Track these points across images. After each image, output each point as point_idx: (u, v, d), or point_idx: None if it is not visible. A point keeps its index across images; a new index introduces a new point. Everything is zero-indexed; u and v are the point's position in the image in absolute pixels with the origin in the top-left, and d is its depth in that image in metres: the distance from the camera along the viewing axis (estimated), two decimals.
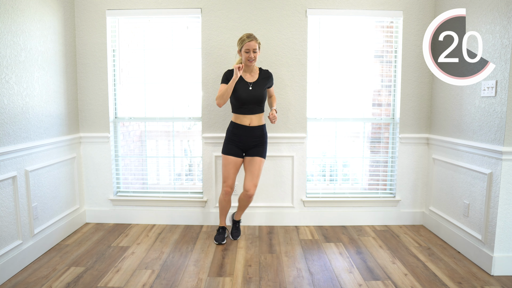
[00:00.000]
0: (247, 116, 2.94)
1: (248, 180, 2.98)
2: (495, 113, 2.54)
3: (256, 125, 2.96)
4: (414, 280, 2.48)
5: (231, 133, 2.99)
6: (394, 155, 3.56)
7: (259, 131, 2.98)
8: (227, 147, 2.99)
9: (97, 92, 3.45)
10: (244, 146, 2.98)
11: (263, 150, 3.01)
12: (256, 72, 2.99)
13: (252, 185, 2.97)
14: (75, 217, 3.38)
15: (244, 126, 2.95)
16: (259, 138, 2.98)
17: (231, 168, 2.99)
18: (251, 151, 2.99)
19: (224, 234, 3.13)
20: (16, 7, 2.58)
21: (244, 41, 2.82)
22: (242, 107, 2.92)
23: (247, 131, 2.95)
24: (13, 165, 2.56)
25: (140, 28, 3.59)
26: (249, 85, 2.92)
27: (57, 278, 2.49)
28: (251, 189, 2.97)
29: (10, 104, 2.53)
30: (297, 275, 2.55)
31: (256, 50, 2.84)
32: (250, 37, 2.82)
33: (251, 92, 2.90)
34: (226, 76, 2.93)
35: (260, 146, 2.99)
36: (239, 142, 2.97)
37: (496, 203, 2.53)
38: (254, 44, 2.82)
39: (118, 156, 3.62)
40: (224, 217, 3.18)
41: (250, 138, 2.96)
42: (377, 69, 3.60)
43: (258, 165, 2.98)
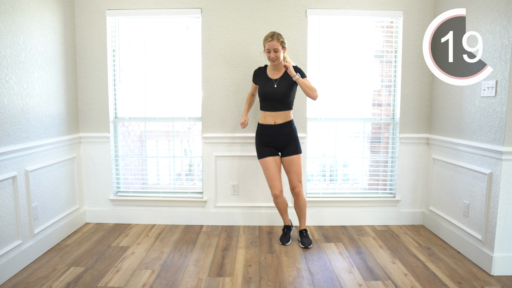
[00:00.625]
0: (271, 113, 2.92)
1: (292, 179, 2.96)
2: (495, 113, 2.54)
3: (282, 122, 2.93)
4: (414, 280, 2.48)
5: (260, 135, 2.98)
6: (394, 155, 3.56)
7: (287, 128, 2.94)
8: (261, 150, 2.97)
9: (97, 92, 3.45)
10: (275, 145, 2.95)
11: (296, 145, 2.96)
12: (283, 68, 2.92)
13: (297, 182, 2.94)
14: (75, 217, 3.38)
15: (270, 125, 2.93)
16: (288, 134, 2.94)
17: (272, 170, 2.94)
18: (286, 151, 2.95)
19: (289, 234, 3.12)
20: (16, 7, 2.58)
21: (266, 41, 2.80)
22: (266, 104, 2.93)
23: (274, 130, 2.93)
24: (13, 165, 2.56)
25: (140, 28, 3.59)
26: (274, 82, 2.90)
27: (57, 278, 2.49)
28: (297, 185, 2.94)
29: (10, 104, 2.53)
30: (297, 275, 2.55)
31: (277, 49, 2.78)
32: (272, 36, 2.78)
33: (275, 89, 2.88)
34: (255, 75, 3.03)
35: (292, 142, 2.95)
36: (269, 143, 2.95)
37: (496, 203, 2.53)
38: (275, 44, 2.77)
39: (118, 156, 3.62)
40: (285, 216, 3.13)
41: (279, 137, 2.93)
42: (377, 69, 3.60)
43: (298, 163, 2.94)
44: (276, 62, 2.85)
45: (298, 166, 2.95)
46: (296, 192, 2.98)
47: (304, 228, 3.10)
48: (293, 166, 2.95)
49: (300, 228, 3.12)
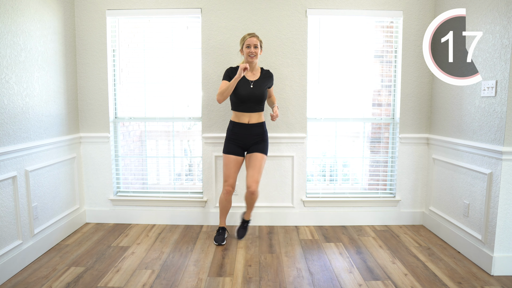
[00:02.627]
0: (246, 114, 2.94)
1: (249, 176, 2.95)
2: (495, 113, 2.54)
3: (255, 122, 2.96)
4: (414, 280, 2.48)
5: (231, 132, 3.00)
6: (394, 155, 3.56)
7: (259, 129, 2.98)
8: (227, 146, 3.00)
9: (97, 92, 3.45)
10: (244, 145, 2.98)
11: (264, 146, 2.99)
12: (258, 71, 3.01)
13: (253, 181, 2.93)
14: (75, 217, 3.38)
15: (243, 124, 2.95)
16: (259, 135, 2.98)
17: (232, 167, 2.98)
18: (252, 148, 2.99)
19: (224, 235, 3.12)
20: (16, 7, 2.58)
21: (245, 38, 2.88)
22: (242, 105, 2.93)
23: (246, 129, 2.95)
24: (13, 165, 2.56)
25: (140, 28, 3.59)
26: (250, 83, 2.92)
27: (57, 278, 2.49)
28: (252, 185, 2.93)
29: (10, 104, 2.53)
30: (297, 275, 2.55)
31: (257, 45, 2.88)
32: (251, 34, 2.91)
33: (252, 90, 2.90)
34: (228, 74, 2.94)
35: (261, 142, 2.99)
36: (239, 141, 2.97)
37: (496, 203, 2.53)
38: (255, 40, 2.87)
39: (118, 156, 3.62)
40: (224, 218, 3.16)
41: (249, 136, 2.96)
42: (377, 69, 3.60)
43: (259, 161, 2.96)
44: (255, 59, 2.90)
45: (258, 164, 2.95)
46: (251, 191, 2.95)
47: (249, 218, 3.19)
48: (253, 162, 2.95)
49: (245, 217, 3.19)
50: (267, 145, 3.03)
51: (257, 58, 2.92)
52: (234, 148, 2.98)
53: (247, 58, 2.90)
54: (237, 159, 2.99)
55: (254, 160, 2.96)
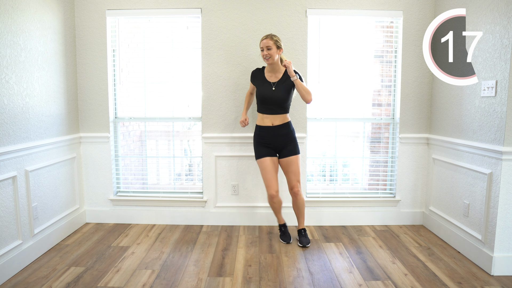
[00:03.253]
0: (269, 116, 2.94)
1: (290, 179, 2.97)
2: (495, 113, 2.54)
3: (279, 124, 2.94)
4: (414, 280, 2.48)
5: (258, 136, 3.00)
6: (394, 155, 3.56)
7: (285, 129, 2.95)
8: (259, 151, 2.98)
9: (97, 92, 3.45)
10: (274, 146, 2.96)
11: (295, 146, 2.97)
12: (281, 71, 2.95)
13: (295, 182, 2.95)
14: (75, 217, 3.38)
15: (267, 127, 2.94)
16: (286, 135, 2.95)
17: (270, 171, 2.95)
18: (284, 152, 2.96)
19: (287, 231, 3.13)
20: (16, 7, 2.58)
21: (261, 40, 2.85)
22: (264, 106, 2.94)
23: (272, 131, 2.94)
24: (13, 165, 2.56)
25: (140, 28, 3.59)
26: (272, 85, 2.91)
27: (57, 278, 2.49)
28: (295, 185, 2.95)
29: (10, 104, 2.53)
30: (297, 275, 2.55)
31: (270, 47, 2.81)
32: (266, 36, 2.85)
33: (273, 93, 2.89)
34: (252, 76, 3.05)
35: (290, 143, 2.96)
36: (268, 144, 2.96)
37: (496, 203, 2.53)
38: (268, 42, 2.81)
39: (118, 156, 3.62)
40: (280, 215, 3.14)
41: (277, 138, 2.94)
42: (377, 69, 3.60)
43: (296, 163, 2.95)
44: (270, 61, 2.86)
45: (296, 167, 2.96)
46: (294, 192, 2.99)
47: (302, 227, 3.11)
48: (291, 167, 2.95)
49: (298, 228, 3.13)
50: (297, 143, 3.00)
51: (273, 59, 2.85)
52: (266, 151, 2.96)
53: (264, 61, 2.89)
54: (272, 160, 2.97)
55: (292, 165, 2.95)
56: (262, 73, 2.99)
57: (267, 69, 2.98)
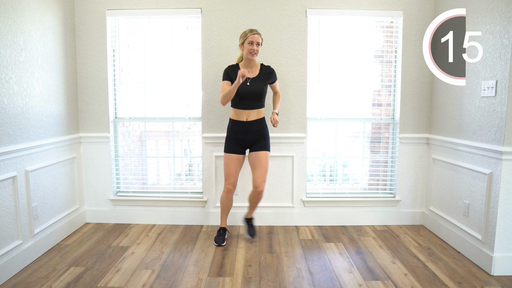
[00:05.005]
0: (244, 111, 2.93)
1: (257, 176, 2.95)
2: (495, 113, 2.54)
3: (254, 119, 2.94)
4: (414, 280, 2.48)
5: (230, 130, 3.00)
6: (394, 155, 3.56)
7: (258, 125, 2.96)
8: (228, 145, 2.99)
9: (97, 92, 3.45)
10: (244, 143, 2.97)
11: (265, 143, 2.98)
12: (257, 67, 2.98)
13: (261, 181, 2.94)
14: (75, 217, 3.38)
15: (241, 121, 2.94)
16: (259, 132, 2.96)
17: (233, 166, 2.97)
18: (254, 147, 2.97)
19: (224, 235, 3.10)
20: (16, 7, 2.58)
21: (248, 34, 2.83)
22: (240, 102, 2.92)
23: (245, 127, 2.94)
24: (13, 165, 2.56)
25: (140, 28, 3.59)
26: (247, 80, 2.91)
27: (57, 278, 2.49)
28: (261, 185, 2.94)
29: (10, 104, 2.53)
30: (297, 275, 2.55)
31: (259, 43, 2.85)
32: (254, 31, 2.85)
33: (249, 88, 2.89)
34: (228, 73, 2.95)
35: (262, 139, 2.97)
36: (239, 139, 2.96)
37: (496, 203, 2.53)
38: (258, 38, 2.84)
39: (118, 156, 3.62)
40: (225, 217, 3.15)
41: (249, 133, 2.95)
42: (377, 69, 3.60)
43: (264, 159, 2.95)
44: (255, 57, 2.88)
45: (264, 163, 2.95)
46: (258, 192, 2.97)
47: (251, 216, 3.18)
48: (259, 161, 2.94)
49: (248, 216, 3.18)
50: (269, 140, 3.01)
51: (257, 55, 2.90)
52: (235, 147, 2.97)
53: (247, 55, 2.87)
54: (238, 157, 2.98)
55: (259, 160, 2.94)
56: (237, 69, 2.96)
57: (243, 64, 2.96)
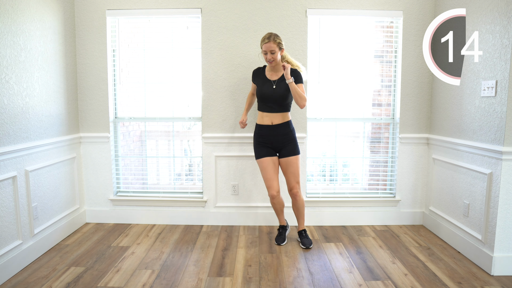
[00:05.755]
0: (268, 114, 2.91)
1: (289, 181, 2.95)
2: (495, 113, 2.53)
3: (279, 123, 2.91)
4: (414, 280, 2.48)
5: (257, 135, 2.98)
6: (394, 155, 3.56)
7: (284, 129, 2.93)
8: (258, 151, 2.96)
9: (97, 92, 3.45)
10: (273, 146, 2.94)
11: (294, 146, 2.94)
12: (282, 70, 2.92)
13: (295, 183, 2.93)
14: (75, 217, 3.38)
15: (267, 126, 2.92)
16: (286, 135, 2.92)
17: (270, 170, 2.93)
18: (283, 152, 2.94)
19: (284, 234, 3.10)
20: (16, 7, 2.58)
21: (262, 42, 2.78)
22: (264, 105, 2.92)
23: (271, 131, 2.92)
24: (13, 165, 2.56)
25: (140, 28, 3.59)
26: (273, 83, 2.89)
27: (57, 278, 2.49)
28: (295, 186, 2.93)
29: (10, 104, 2.53)
30: (297, 275, 2.55)
31: (274, 51, 2.77)
32: (269, 38, 2.75)
33: (274, 90, 2.87)
34: (253, 76, 3.04)
35: (290, 143, 2.93)
36: (267, 143, 2.94)
37: (496, 203, 2.53)
38: (271, 46, 2.75)
39: (118, 156, 3.62)
40: (281, 216, 3.12)
41: (277, 137, 2.92)
42: (377, 69, 3.60)
43: (295, 164, 2.93)
44: (273, 64, 2.85)
45: (296, 167, 2.94)
46: (293, 193, 2.97)
47: (303, 228, 3.09)
48: (290, 168, 2.93)
49: (299, 229, 3.11)
50: (297, 143, 2.97)
51: (276, 61, 2.84)
52: (265, 151, 2.94)
53: (266, 62, 2.87)
54: (273, 159, 2.95)
55: (291, 165, 2.92)
56: (263, 72, 2.98)
57: (268, 68, 2.97)
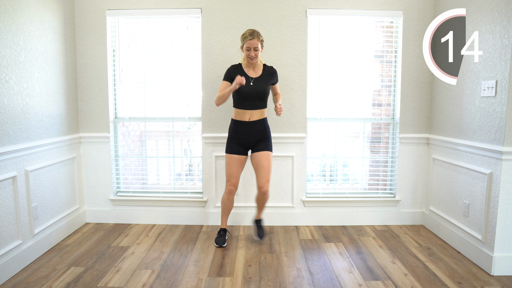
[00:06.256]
0: (247, 111, 2.90)
1: (260, 177, 2.93)
2: (495, 113, 2.54)
3: (256, 119, 2.92)
4: (414, 280, 2.48)
5: (232, 130, 2.97)
6: (394, 155, 3.56)
7: (261, 125, 2.94)
8: (230, 146, 2.97)
9: (97, 92, 3.45)
10: (247, 143, 2.95)
11: (268, 143, 2.95)
12: (260, 68, 2.95)
13: (265, 181, 2.92)
14: (75, 217, 3.38)
15: (244, 122, 2.92)
16: (261, 132, 2.94)
17: (235, 167, 2.95)
18: (257, 147, 2.95)
19: (225, 236, 3.08)
20: (16, 7, 2.58)
21: (246, 39, 2.78)
22: (244, 102, 2.89)
23: (248, 127, 2.92)
24: (13, 165, 2.56)
25: (140, 28, 3.59)
26: (250, 80, 2.88)
27: (57, 278, 2.49)
28: (264, 185, 2.92)
29: (10, 104, 2.53)
30: (297, 275, 2.55)
31: (257, 48, 2.79)
32: (252, 34, 2.76)
33: (252, 87, 2.87)
34: (229, 73, 2.91)
35: (264, 140, 2.95)
36: (241, 139, 2.94)
37: (496, 203, 2.53)
38: (255, 42, 2.77)
39: (118, 156, 3.62)
40: (226, 218, 3.12)
41: (252, 134, 2.92)
42: (377, 69, 3.60)
43: (267, 160, 2.92)
44: (255, 61, 2.86)
45: (267, 163, 2.92)
46: (263, 192, 2.95)
47: (260, 218, 3.14)
48: (262, 161, 2.91)
49: (256, 218, 3.14)
50: (271, 141, 2.99)
51: (257, 59, 2.88)
52: (237, 147, 2.95)
53: (247, 59, 2.87)
54: (240, 158, 2.96)
55: (262, 160, 2.92)
56: (241, 69, 2.93)
57: (245, 64, 2.93)
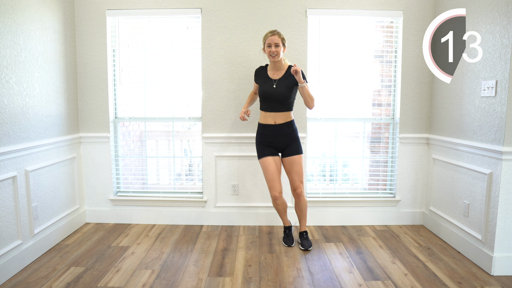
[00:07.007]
0: (271, 114, 2.89)
1: (293, 180, 2.93)
2: (495, 113, 2.54)
3: (282, 122, 2.89)
4: (414, 280, 2.48)
5: (260, 135, 2.96)
6: (394, 155, 3.56)
7: (288, 128, 2.91)
8: (261, 150, 2.94)
9: (97, 92, 3.45)
10: (277, 146, 2.93)
11: (297, 145, 2.92)
12: (284, 69, 2.90)
13: (299, 183, 2.91)
14: (75, 217, 3.38)
15: (270, 125, 2.90)
16: (289, 135, 2.91)
17: (272, 170, 2.90)
18: (287, 151, 2.92)
19: (291, 235, 3.09)
20: (16, 7, 2.58)
21: (267, 36, 2.80)
22: (265, 104, 2.90)
23: (274, 130, 2.90)
24: (13, 165, 2.56)
25: (140, 28, 3.59)
26: (273, 82, 2.87)
27: (57, 278, 2.49)
28: (299, 186, 2.91)
29: (10, 104, 2.53)
30: (297, 275, 2.55)
31: (278, 44, 2.77)
32: (273, 32, 2.79)
33: (274, 90, 2.85)
34: (255, 75, 3.01)
35: (293, 142, 2.91)
36: (270, 143, 2.92)
37: (496, 203, 2.53)
38: (276, 39, 2.76)
39: (118, 156, 3.62)
40: (285, 217, 3.09)
41: (280, 137, 2.90)
42: (377, 69, 3.60)
43: (299, 163, 2.91)
44: (276, 58, 2.82)
45: (299, 167, 2.92)
46: (297, 193, 2.95)
47: (304, 230, 3.07)
48: (294, 167, 2.92)
49: (300, 230, 3.09)
50: (300, 143, 2.96)
51: (279, 56, 2.82)
52: (268, 150, 2.92)
53: (269, 57, 2.84)
54: (275, 159, 2.92)
55: (293, 165, 2.90)
56: (265, 71, 2.97)
57: (270, 66, 2.95)
